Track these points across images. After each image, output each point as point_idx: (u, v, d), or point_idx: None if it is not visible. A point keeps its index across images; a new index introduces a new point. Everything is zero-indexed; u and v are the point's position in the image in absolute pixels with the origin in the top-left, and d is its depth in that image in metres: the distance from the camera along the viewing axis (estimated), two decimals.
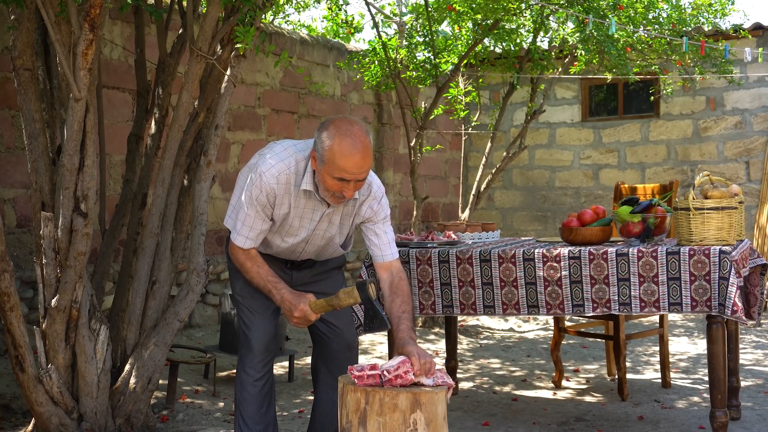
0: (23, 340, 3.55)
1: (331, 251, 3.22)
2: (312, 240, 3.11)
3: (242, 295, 3.17)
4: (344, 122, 2.84)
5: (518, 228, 9.90)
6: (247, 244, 3.01)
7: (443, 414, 2.56)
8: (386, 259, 3.07)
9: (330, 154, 2.79)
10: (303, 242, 3.10)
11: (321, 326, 3.25)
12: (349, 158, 2.77)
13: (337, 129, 2.81)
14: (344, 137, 2.78)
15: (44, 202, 3.69)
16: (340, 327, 3.24)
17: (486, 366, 5.78)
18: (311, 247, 3.14)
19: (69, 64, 3.42)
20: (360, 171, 2.81)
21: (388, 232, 3.10)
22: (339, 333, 3.24)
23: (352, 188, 2.85)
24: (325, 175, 2.84)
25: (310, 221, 3.04)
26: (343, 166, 2.78)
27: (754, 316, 3.71)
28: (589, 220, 3.99)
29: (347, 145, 2.77)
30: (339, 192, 2.86)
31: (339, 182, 2.82)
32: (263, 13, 3.88)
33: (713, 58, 7.28)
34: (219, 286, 6.56)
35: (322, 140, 2.82)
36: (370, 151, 2.83)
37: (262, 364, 3.13)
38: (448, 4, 6.50)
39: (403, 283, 3.02)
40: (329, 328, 3.24)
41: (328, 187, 2.86)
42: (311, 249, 3.15)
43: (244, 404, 3.13)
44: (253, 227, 2.99)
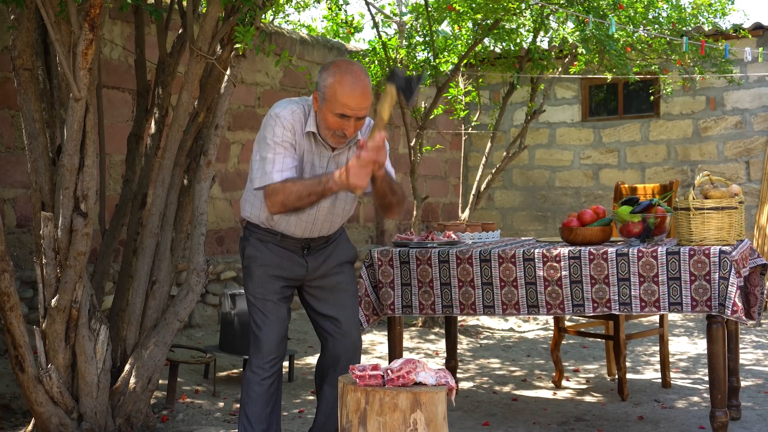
0: (23, 340, 3.55)
1: (341, 207, 3.20)
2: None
3: (255, 296, 3.18)
4: (344, 62, 3.00)
5: (518, 228, 9.90)
6: (284, 175, 2.96)
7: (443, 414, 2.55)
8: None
9: (332, 91, 2.91)
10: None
11: (327, 325, 3.27)
12: (350, 94, 2.90)
13: (338, 67, 2.95)
14: (345, 74, 2.91)
15: (44, 202, 3.69)
16: (345, 326, 3.25)
17: (486, 366, 5.78)
18: (325, 201, 3.09)
19: (69, 64, 3.42)
20: (360, 107, 2.92)
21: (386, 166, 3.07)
22: (345, 332, 3.25)
23: (352, 125, 2.95)
24: (326, 112, 2.94)
25: (319, 168, 3.07)
26: (345, 101, 2.90)
27: (754, 316, 3.71)
28: (589, 220, 3.99)
29: (348, 81, 2.90)
30: (340, 130, 2.96)
31: (340, 119, 2.93)
32: (263, 12, 3.88)
33: (713, 58, 7.28)
34: (219, 286, 6.56)
35: (323, 78, 2.95)
36: (369, 89, 2.96)
37: (270, 364, 3.16)
38: (448, 4, 6.50)
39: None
40: (334, 326, 3.25)
41: (330, 125, 2.95)
42: (325, 205, 3.12)
43: (249, 403, 3.15)
44: (284, 161, 2.98)
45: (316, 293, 3.27)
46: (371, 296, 4.01)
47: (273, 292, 3.17)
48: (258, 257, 3.19)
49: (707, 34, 8.04)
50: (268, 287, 3.17)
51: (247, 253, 3.22)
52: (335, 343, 3.26)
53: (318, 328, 3.32)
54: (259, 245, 3.19)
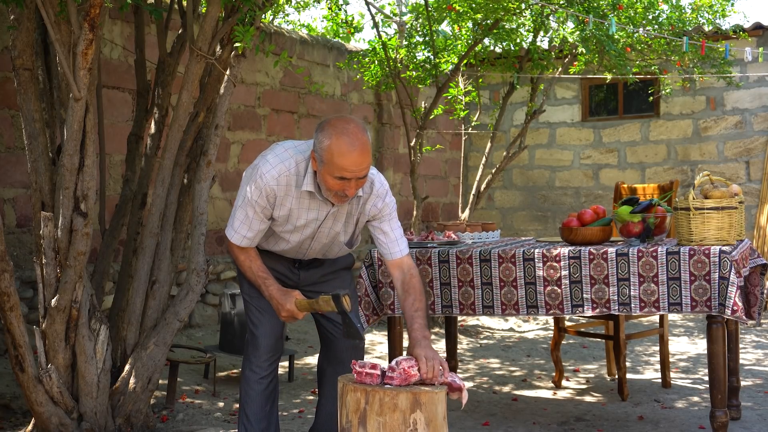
0: (23, 340, 3.55)
1: (336, 250, 3.23)
2: (317, 238, 3.11)
3: (250, 295, 3.19)
4: (341, 121, 2.85)
5: (518, 228, 9.90)
6: (244, 242, 3.05)
7: (443, 414, 2.56)
8: (395, 256, 3.08)
9: (329, 154, 2.80)
10: (308, 240, 3.11)
11: (327, 325, 3.28)
12: (347, 157, 2.78)
13: (334, 128, 2.82)
14: (341, 136, 2.80)
15: (44, 202, 3.69)
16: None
17: (486, 366, 5.78)
18: (317, 245, 3.15)
19: (69, 63, 3.42)
20: (359, 168, 2.82)
21: (395, 229, 3.10)
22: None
23: (353, 186, 2.87)
24: (325, 175, 2.85)
25: (315, 221, 3.05)
26: (342, 164, 2.79)
27: (755, 315, 3.71)
28: (589, 220, 3.99)
29: (345, 143, 2.79)
30: (341, 191, 2.87)
31: (340, 181, 2.84)
32: (263, 12, 3.88)
33: (713, 58, 7.28)
34: (219, 286, 6.56)
35: (320, 140, 2.84)
36: (368, 148, 2.84)
37: (268, 362, 3.16)
38: (448, 4, 6.50)
39: (415, 280, 3.02)
40: (335, 326, 3.25)
41: (330, 186, 2.87)
42: (317, 246, 3.16)
43: (248, 402, 3.16)
44: (251, 227, 3.01)
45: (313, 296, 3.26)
46: (371, 296, 4.01)
47: None
48: None
49: (707, 34, 8.04)
50: None
51: None
52: (336, 342, 3.27)
53: (319, 326, 3.34)
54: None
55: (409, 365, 2.57)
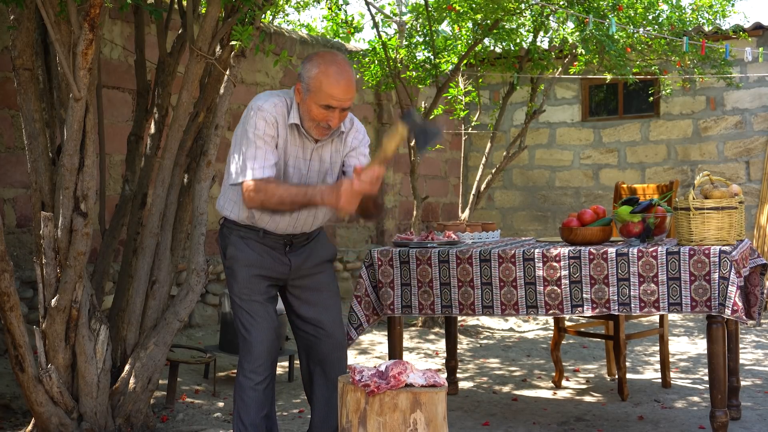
0: (23, 340, 3.55)
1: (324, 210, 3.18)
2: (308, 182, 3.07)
3: (240, 297, 3.11)
4: (328, 53, 2.99)
5: (518, 228, 9.90)
6: (266, 172, 2.93)
7: (443, 414, 2.56)
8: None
9: (317, 82, 2.90)
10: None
11: (308, 328, 3.22)
12: (335, 85, 2.89)
13: (323, 58, 2.94)
14: (330, 65, 2.91)
15: (44, 202, 3.70)
16: (328, 327, 3.21)
17: (486, 366, 5.78)
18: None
19: (69, 63, 3.42)
20: (345, 97, 2.92)
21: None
22: (328, 333, 3.21)
23: (337, 116, 2.95)
24: (311, 104, 2.93)
25: (303, 160, 3.05)
26: (331, 92, 2.89)
27: (755, 315, 3.71)
28: (589, 220, 3.99)
29: (333, 72, 2.89)
30: (324, 121, 2.95)
31: (325, 111, 2.92)
32: (263, 12, 3.88)
33: (713, 59, 7.28)
34: (219, 286, 6.56)
35: (307, 69, 2.93)
36: (354, 80, 2.95)
37: (263, 367, 3.09)
38: (448, 4, 6.50)
39: None
40: (317, 328, 3.21)
41: (314, 116, 2.94)
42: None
43: (243, 408, 3.08)
44: (266, 157, 2.94)
45: (299, 294, 3.22)
46: (371, 296, 4.01)
47: (259, 293, 3.10)
48: (240, 257, 3.11)
49: (707, 34, 8.04)
50: (254, 287, 3.10)
51: (229, 253, 3.13)
52: (319, 344, 3.21)
53: (299, 331, 3.26)
54: (240, 244, 3.11)
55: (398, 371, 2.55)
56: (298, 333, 3.28)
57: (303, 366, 3.32)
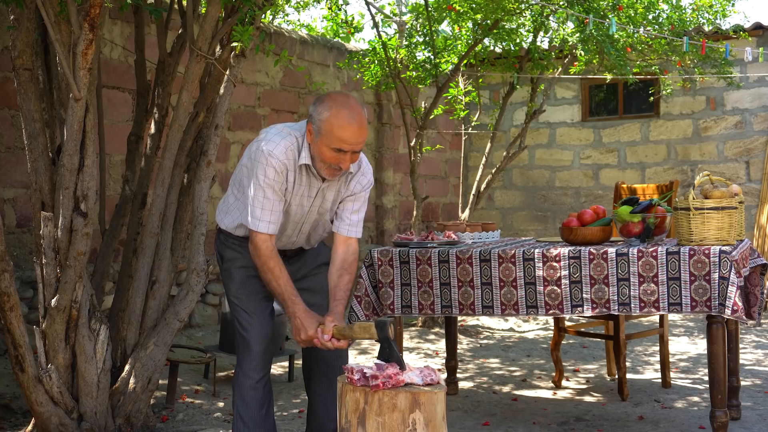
0: (23, 340, 3.55)
1: (320, 231, 3.23)
2: (308, 217, 3.11)
3: (238, 297, 3.14)
4: (340, 95, 2.93)
5: (518, 228, 9.90)
6: (271, 228, 2.97)
7: (442, 414, 2.56)
8: (350, 234, 3.13)
9: (328, 126, 2.86)
10: (300, 221, 3.12)
11: None
12: (346, 128, 2.85)
13: (334, 101, 2.89)
14: (341, 108, 2.86)
15: (44, 202, 3.70)
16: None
17: (486, 366, 5.78)
18: (307, 226, 3.15)
19: (69, 64, 3.42)
20: (357, 141, 2.88)
21: (361, 211, 3.16)
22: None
23: (348, 159, 2.92)
24: (322, 147, 2.90)
25: (307, 198, 3.06)
26: (341, 136, 2.85)
27: (755, 316, 3.71)
28: (589, 220, 3.99)
29: (344, 115, 2.85)
30: (336, 164, 2.92)
31: (336, 154, 2.89)
32: (263, 12, 3.88)
33: (713, 59, 7.28)
34: (219, 286, 6.56)
35: (319, 112, 2.89)
36: (366, 122, 2.92)
37: (261, 365, 3.12)
38: (448, 4, 6.50)
39: (354, 265, 3.10)
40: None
41: (325, 159, 2.92)
42: (306, 229, 3.16)
43: (243, 407, 3.10)
44: (273, 210, 2.96)
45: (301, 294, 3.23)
46: (371, 296, 4.01)
47: (256, 292, 3.13)
48: (237, 258, 3.15)
49: (707, 34, 8.04)
50: (251, 287, 3.13)
51: (227, 255, 3.19)
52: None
53: None
54: (237, 247, 3.17)
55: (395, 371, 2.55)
56: None
57: (303, 366, 3.34)
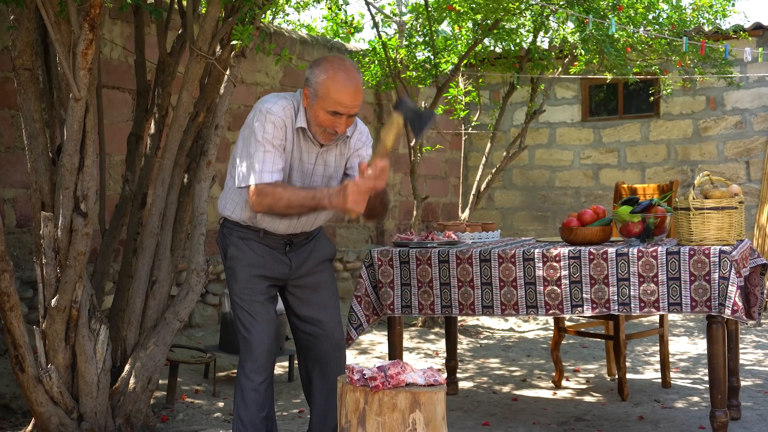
0: (23, 340, 3.55)
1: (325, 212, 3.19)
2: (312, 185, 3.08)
3: (241, 297, 3.11)
4: (337, 59, 2.95)
5: (518, 228, 9.90)
6: (274, 177, 2.92)
7: (442, 414, 2.56)
8: None
9: (325, 88, 2.88)
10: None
11: (307, 328, 3.23)
12: (343, 91, 2.87)
13: (331, 64, 2.91)
14: (338, 71, 2.88)
15: (44, 202, 3.70)
16: (327, 327, 3.22)
17: (486, 366, 5.78)
18: None
19: (69, 64, 3.43)
20: (353, 104, 2.90)
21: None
22: (326, 333, 3.21)
23: (344, 123, 2.93)
24: (318, 109, 2.91)
25: (307, 164, 3.05)
26: (338, 99, 2.87)
27: (755, 315, 3.71)
28: (589, 220, 3.99)
29: (341, 78, 2.87)
30: (331, 127, 2.94)
31: (332, 117, 2.91)
32: (263, 12, 3.88)
33: (713, 59, 7.28)
34: (219, 286, 6.56)
35: (315, 74, 2.91)
36: (362, 86, 2.94)
37: (264, 367, 3.10)
38: (448, 4, 6.50)
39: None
40: (315, 328, 3.21)
41: (321, 122, 2.93)
42: None
43: (244, 408, 3.09)
44: (274, 161, 2.93)
45: (298, 293, 3.22)
46: (371, 296, 4.01)
47: (259, 293, 3.10)
48: (241, 257, 3.12)
49: (707, 34, 8.04)
50: (254, 288, 3.10)
51: (230, 253, 3.14)
52: (318, 343, 3.22)
53: (298, 332, 3.26)
54: (241, 244, 3.12)
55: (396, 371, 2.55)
56: (297, 333, 3.28)
57: (302, 366, 3.32)
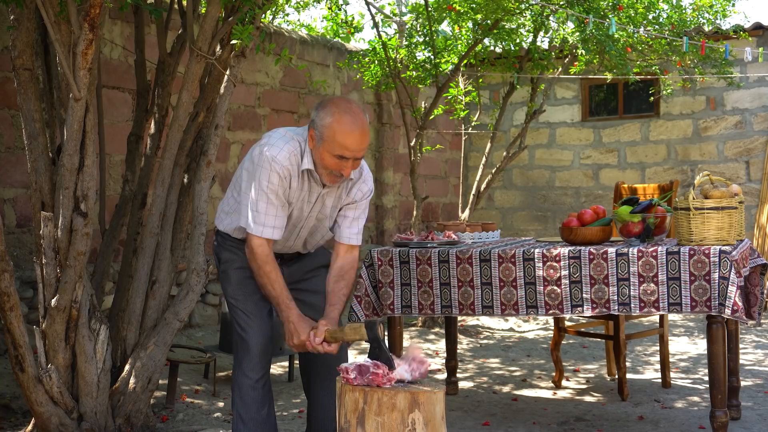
0: (23, 340, 3.55)
1: (318, 238, 3.22)
2: (306, 222, 3.11)
3: (236, 298, 3.14)
4: (342, 101, 2.92)
5: (518, 228, 9.90)
6: (276, 234, 2.97)
7: (441, 413, 2.56)
8: (351, 241, 3.12)
9: (330, 132, 2.85)
10: (299, 225, 3.11)
11: None
12: (348, 135, 2.84)
13: (337, 107, 2.88)
14: (344, 114, 2.85)
15: (44, 202, 3.70)
16: None
17: (486, 366, 5.78)
18: (304, 231, 3.14)
19: (69, 64, 3.42)
20: (359, 148, 2.87)
21: (361, 219, 3.16)
22: None
23: (350, 166, 2.91)
24: (324, 153, 2.89)
25: (307, 203, 3.05)
26: (343, 142, 2.84)
27: (755, 315, 3.71)
28: (589, 220, 3.99)
29: (347, 122, 2.84)
30: (337, 170, 2.91)
31: (338, 160, 2.88)
32: (263, 12, 3.88)
33: (713, 59, 7.28)
34: (219, 286, 6.56)
35: (321, 118, 2.89)
36: (368, 129, 2.90)
37: (260, 365, 3.11)
38: (448, 4, 6.50)
39: (352, 272, 3.09)
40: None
41: (327, 165, 2.91)
42: (304, 234, 3.15)
43: (243, 407, 3.10)
44: (277, 215, 2.96)
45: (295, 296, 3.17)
46: (371, 296, 4.01)
47: (253, 292, 3.12)
48: (235, 260, 3.15)
49: (707, 34, 8.04)
50: (248, 288, 3.12)
51: (224, 257, 3.19)
52: None
53: None
54: (235, 249, 3.17)
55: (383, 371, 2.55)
56: None
57: (302, 366, 3.32)
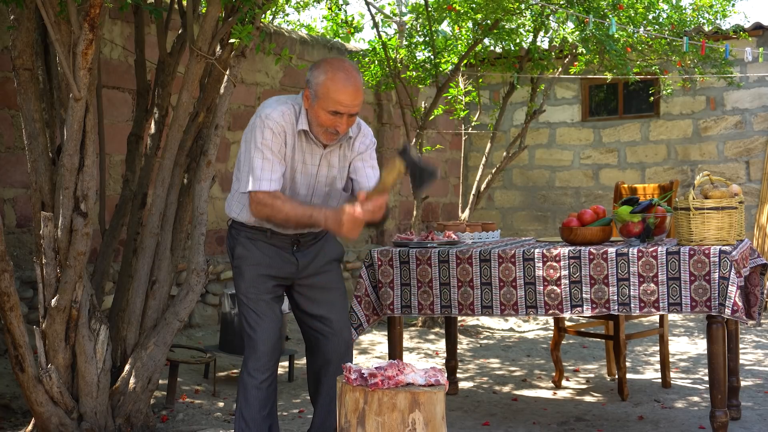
0: (23, 340, 3.55)
1: (335, 202, 3.20)
2: (317, 188, 3.13)
3: (247, 296, 3.14)
4: (336, 59, 3.02)
5: (518, 228, 9.90)
6: (273, 185, 2.99)
7: (442, 413, 2.56)
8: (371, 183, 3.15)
9: (324, 88, 2.93)
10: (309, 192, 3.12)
11: (316, 325, 3.24)
12: (342, 91, 2.92)
13: (330, 65, 2.97)
14: (337, 71, 2.94)
15: (44, 202, 3.70)
16: (335, 326, 3.23)
17: (486, 366, 5.78)
18: (317, 199, 3.15)
19: (69, 63, 3.43)
20: (353, 103, 2.95)
21: (376, 167, 3.21)
22: (335, 331, 3.22)
23: (345, 122, 2.98)
24: (318, 110, 2.96)
25: (311, 166, 3.09)
26: (337, 98, 2.92)
27: (755, 315, 3.71)
28: (589, 220, 3.99)
29: (341, 78, 2.93)
30: (332, 127, 2.98)
31: (333, 116, 2.95)
32: (263, 12, 3.88)
33: (713, 59, 7.28)
34: (219, 286, 6.56)
35: (315, 76, 2.97)
36: (361, 86, 2.99)
37: (267, 366, 3.12)
38: (448, 4, 6.50)
39: None
40: (324, 326, 3.23)
41: (322, 122, 2.98)
42: (318, 201, 3.15)
43: (246, 406, 3.11)
44: (273, 169, 2.99)
45: (306, 292, 3.24)
46: (371, 296, 4.01)
47: (266, 292, 3.14)
48: (248, 257, 3.15)
49: (707, 34, 8.04)
50: (261, 287, 3.13)
51: (237, 252, 3.18)
52: (327, 342, 3.23)
53: (307, 329, 3.29)
54: (249, 244, 3.15)
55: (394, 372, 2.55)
56: (305, 329, 3.31)
57: (309, 365, 3.33)
